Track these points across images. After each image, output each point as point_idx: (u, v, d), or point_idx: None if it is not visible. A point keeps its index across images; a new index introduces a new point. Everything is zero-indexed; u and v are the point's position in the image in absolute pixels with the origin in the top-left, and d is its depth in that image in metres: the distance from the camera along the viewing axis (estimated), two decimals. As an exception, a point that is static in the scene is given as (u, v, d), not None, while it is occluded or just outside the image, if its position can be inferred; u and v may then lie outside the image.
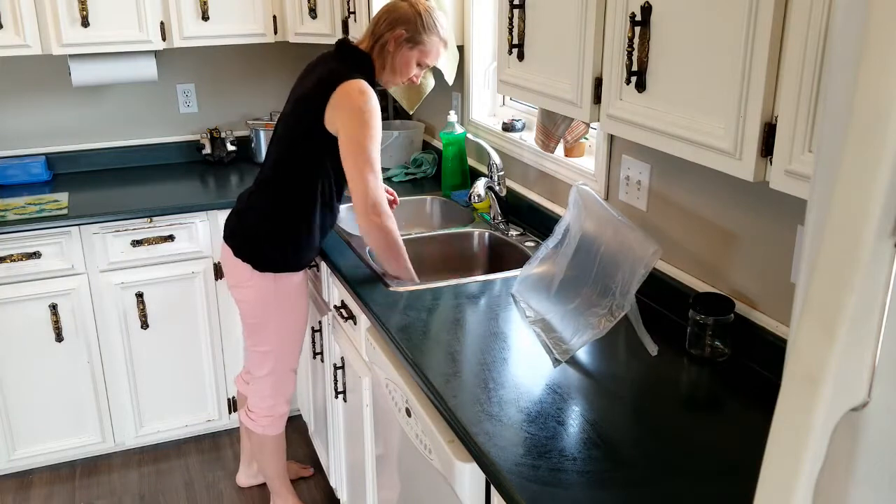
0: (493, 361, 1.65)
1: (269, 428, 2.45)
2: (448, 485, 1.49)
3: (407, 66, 2.20)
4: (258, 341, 2.35)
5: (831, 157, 0.59)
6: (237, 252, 2.25)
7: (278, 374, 2.39)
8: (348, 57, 2.18)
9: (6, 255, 2.69)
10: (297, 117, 2.17)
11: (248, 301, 2.30)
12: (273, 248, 2.23)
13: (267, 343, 2.34)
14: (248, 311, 2.33)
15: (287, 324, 2.34)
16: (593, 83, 1.56)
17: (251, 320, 2.34)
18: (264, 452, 2.51)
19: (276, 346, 2.35)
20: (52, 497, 2.86)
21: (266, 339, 2.34)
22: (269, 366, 2.37)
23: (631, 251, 1.65)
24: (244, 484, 2.89)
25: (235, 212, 2.34)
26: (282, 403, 2.44)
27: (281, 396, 2.43)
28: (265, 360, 2.37)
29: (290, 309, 2.32)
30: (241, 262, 2.25)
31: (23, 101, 3.17)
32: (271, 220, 2.22)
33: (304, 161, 2.17)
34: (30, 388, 2.84)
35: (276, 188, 2.22)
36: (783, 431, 0.61)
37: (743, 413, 1.49)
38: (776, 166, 1.16)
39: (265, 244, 2.23)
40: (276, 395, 2.42)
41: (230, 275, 2.33)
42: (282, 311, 2.30)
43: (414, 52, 2.18)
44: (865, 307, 0.57)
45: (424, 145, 3.29)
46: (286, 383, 2.43)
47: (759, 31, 1.14)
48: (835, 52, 0.61)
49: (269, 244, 2.23)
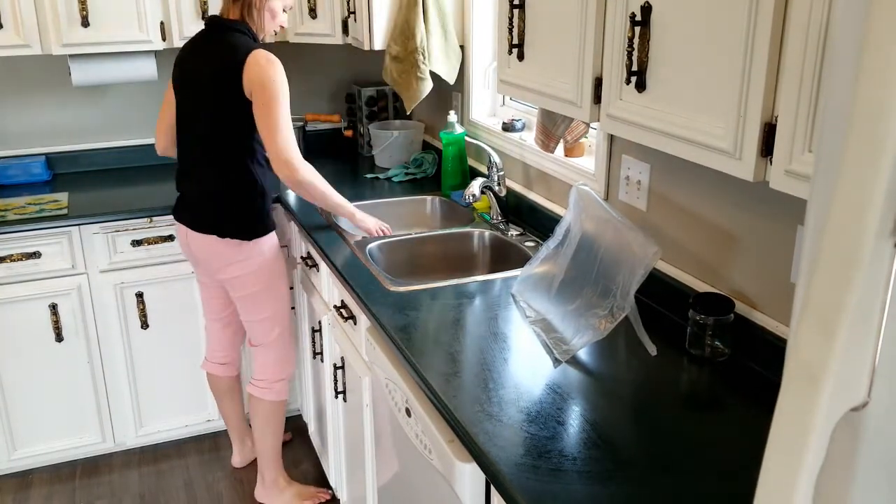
0: (493, 361, 1.65)
1: (282, 392, 2.61)
2: (448, 485, 1.49)
3: (274, 15, 2.41)
4: (259, 310, 2.49)
5: (831, 157, 0.59)
6: (223, 234, 2.37)
7: (284, 335, 2.56)
8: (228, 29, 2.35)
9: (6, 255, 2.69)
10: (216, 97, 2.31)
11: (243, 274, 2.42)
12: (253, 217, 2.38)
13: (267, 309, 2.49)
14: (243, 285, 2.45)
15: (278, 283, 2.50)
16: (593, 83, 1.56)
17: (248, 292, 2.45)
18: (270, 423, 2.61)
19: (276, 307, 2.51)
20: (52, 497, 2.86)
21: (265, 304, 2.48)
22: (277, 328, 2.53)
23: (631, 252, 1.65)
24: (240, 464, 2.96)
25: (197, 202, 2.43)
26: (291, 362, 2.63)
27: (290, 355, 2.61)
28: (272, 325, 2.52)
29: (277, 269, 2.49)
30: (227, 242, 2.37)
31: (23, 101, 3.17)
32: (242, 193, 2.37)
33: (240, 132, 2.34)
34: (30, 388, 2.84)
35: (227, 165, 2.37)
36: (783, 431, 0.61)
37: (743, 413, 1.49)
38: (776, 166, 1.16)
39: (246, 216, 2.37)
40: (287, 356, 2.59)
41: (216, 259, 2.42)
42: (272, 272, 2.47)
43: (276, 1, 2.39)
44: (865, 307, 0.57)
45: (424, 145, 3.29)
46: (291, 340, 2.61)
47: (759, 31, 1.14)
48: (835, 52, 0.61)
49: (249, 215, 2.38)
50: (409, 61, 2.77)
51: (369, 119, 3.41)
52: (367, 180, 3.10)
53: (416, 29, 2.71)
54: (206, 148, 2.39)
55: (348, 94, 3.53)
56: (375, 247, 2.39)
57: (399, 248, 2.45)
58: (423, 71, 2.75)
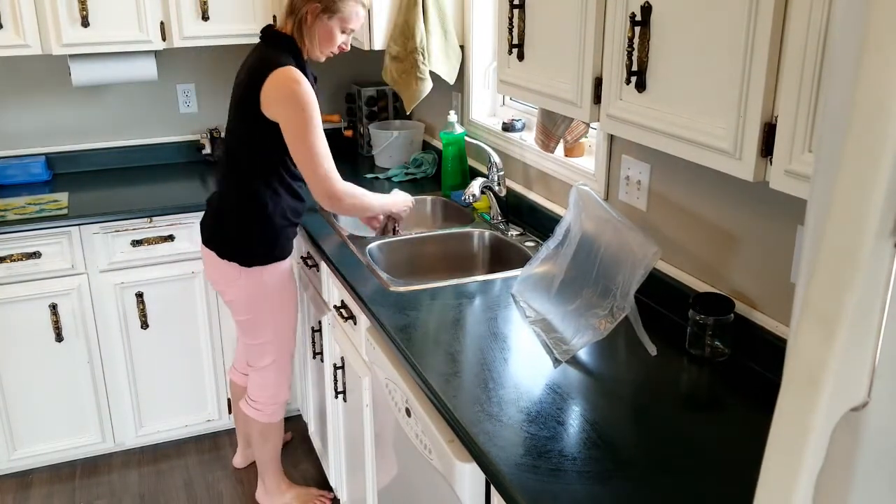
0: (493, 361, 1.65)
1: (274, 415, 2.52)
2: (448, 485, 1.49)
3: (330, 36, 2.21)
4: (255, 335, 2.39)
5: (831, 157, 0.59)
6: (221, 254, 2.28)
7: (280, 362, 2.46)
8: (273, 42, 2.22)
9: (6, 255, 2.69)
10: (238, 111, 2.22)
11: (240, 299, 2.34)
12: (255, 244, 2.27)
13: (264, 335, 2.39)
14: (241, 309, 2.36)
15: (281, 313, 2.38)
16: (593, 83, 1.56)
17: (245, 317, 2.37)
18: (267, 440, 2.57)
19: (274, 336, 2.39)
20: (52, 497, 2.86)
21: (263, 332, 2.38)
22: (271, 356, 2.42)
23: (631, 252, 1.65)
24: (241, 465, 2.96)
25: (209, 215, 2.37)
26: (285, 390, 2.52)
27: (284, 383, 2.51)
28: (265, 352, 2.42)
29: (281, 298, 2.36)
30: (226, 263, 2.28)
31: (23, 101, 3.17)
32: (246, 217, 2.26)
33: (255, 152, 2.22)
34: (30, 388, 2.84)
35: (237, 184, 2.26)
36: (783, 431, 0.61)
37: (743, 413, 1.49)
38: (776, 166, 1.16)
39: (247, 242, 2.27)
40: (280, 383, 2.49)
41: (217, 277, 2.37)
42: (273, 302, 2.35)
43: (334, 22, 2.19)
44: (865, 307, 0.57)
45: (424, 145, 3.29)
46: (287, 369, 2.51)
47: (759, 31, 1.14)
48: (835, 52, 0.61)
49: (251, 241, 2.27)
50: (409, 61, 2.76)
51: (369, 119, 3.41)
52: (367, 180, 3.10)
53: (416, 29, 2.70)
54: (227, 163, 2.31)
55: (348, 94, 3.53)
56: (375, 247, 2.39)
57: (399, 248, 2.44)
58: (423, 71, 2.75)
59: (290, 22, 2.20)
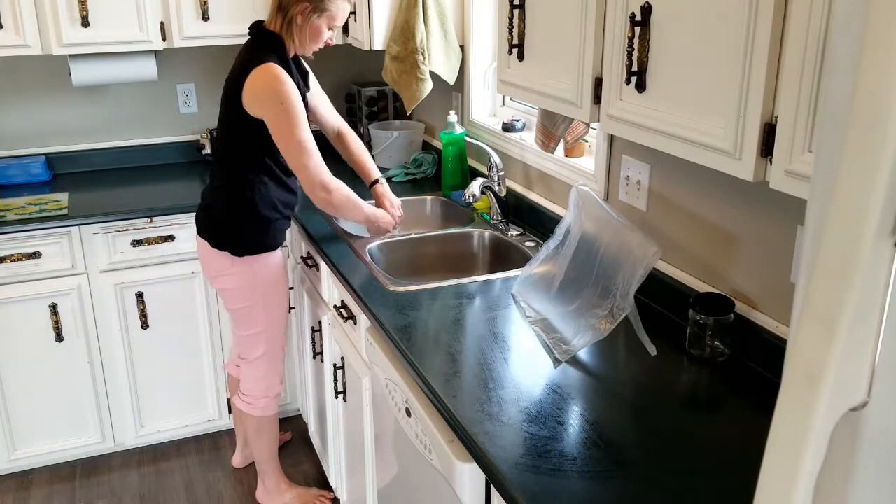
0: (493, 361, 1.65)
1: (267, 409, 2.54)
2: (448, 485, 1.49)
3: (318, 33, 2.25)
4: (247, 325, 2.43)
5: (831, 157, 0.59)
6: (213, 244, 2.34)
7: (271, 354, 2.48)
8: (259, 40, 2.25)
9: (6, 255, 2.69)
10: (226, 108, 2.27)
11: (232, 288, 2.38)
12: (245, 234, 2.32)
13: (256, 325, 2.42)
14: (233, 298, 2.41)
15: (272, 303, 2.43)
16: (593, 83, 1.56)
17: (237, 306, 2.41)
18: (262, 434, 2.58)
19: (265, 326, 2.43)
20: (52, 497, 2.86)
21: (254, 322, 2.42)
22: (262, 347, 2.46)
23: (631, 252, 1.65)
24: (239, 465, 2.97)
25: (202, 208, 2.42)
26: (276, 383, 2.54)
27: (276, 375, 2.53)
28: (257, 343, 2.45)
29: (272, 289, 2.41)
30: (219, 253, 2.34)
31: (23, 101, 3.17)
32: (234, 208, 2.31)
33: (242, 147, 2.27)
34: (30, 388, 2.84)
35: (228, 176, 2.31)
36: (783, 431, 0.61)
37: (743, 413, 1.49)
38: (776, 166, 1.16)
39: (237, 231, 2.32)
40: (271, 375, 2.51)
41: (210, 267, 2.41)
42: (265, 292, 2.39)
43: (322, 20, 2.23)
44: (865, 307, 0.57)
45: (424, 145, 3.29)
46: (278, 361, 2.53)
47: (759, 31, 1.14)
48: (835, 52, 0.61)
49: (240, 230, 2.32)
50: (409, 61, 2.77)
51: (369, 119, 3.41)
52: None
53: (416, 29, 2.71)
54: (218, 156, 2.38)
55: (348, 94, 3.53)
56: (375, 247, 2.39)
57: (399, 248, 2.45)
58: (423, 71, 2.75)
59: (278, 19, 2.24)
